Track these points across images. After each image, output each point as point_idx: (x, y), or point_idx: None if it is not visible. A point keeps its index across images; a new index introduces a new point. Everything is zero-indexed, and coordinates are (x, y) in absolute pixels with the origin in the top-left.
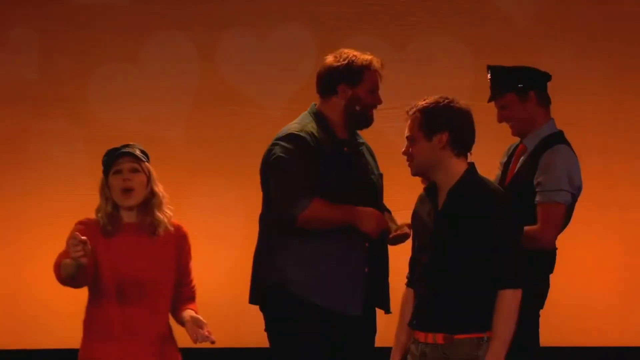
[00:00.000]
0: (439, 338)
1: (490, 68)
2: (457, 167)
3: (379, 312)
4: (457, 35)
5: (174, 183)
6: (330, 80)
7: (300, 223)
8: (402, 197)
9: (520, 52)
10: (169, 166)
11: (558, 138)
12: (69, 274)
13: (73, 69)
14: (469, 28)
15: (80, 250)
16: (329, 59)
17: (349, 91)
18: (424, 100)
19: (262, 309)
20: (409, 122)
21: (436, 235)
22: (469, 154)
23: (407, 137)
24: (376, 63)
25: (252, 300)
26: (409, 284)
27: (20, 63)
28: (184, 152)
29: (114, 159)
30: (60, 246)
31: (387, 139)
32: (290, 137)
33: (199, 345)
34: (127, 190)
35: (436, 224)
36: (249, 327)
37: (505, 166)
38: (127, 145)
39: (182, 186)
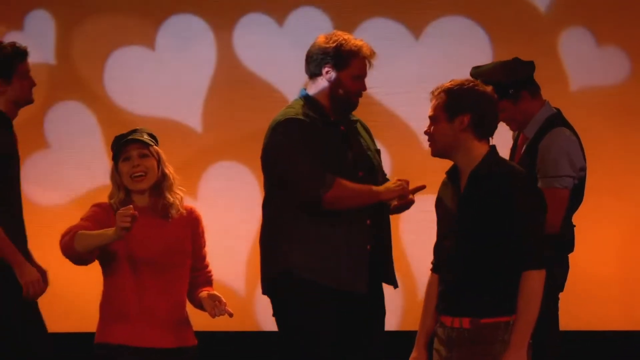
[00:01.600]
0: (465, 322)
1: (473, 76)
2: (479, 150)
3: (407, 297)
4: (475, 20)
5: (190, 168)
6: (317, 60)
7: (326, 203)
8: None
9: (539, 36)
10: (185, 151)
11: (555, 121)
12: (91, 246)
13: (90, 54)
14: (487, 12)
15: (129, 221)
16: (321, 38)
17: (333, 73)
18: (450, 82)
19: (270, 296)
20: (433, 102)
21: (459, 219)
22: (490, 138)
23: (429, 117)
24: (366, 50)
25: (265, 291)
26: (434, 269)
27: (37, 47)
28: (201, 137)
29: (122, 146)
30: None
31: (401, 122)
32: (289, 122)
33: (215, 328)
34: (138, 176)
35: (459, 208)
36: (265, 311)
37: (511, 155)
38: (134, 131)
39: (198, 171)
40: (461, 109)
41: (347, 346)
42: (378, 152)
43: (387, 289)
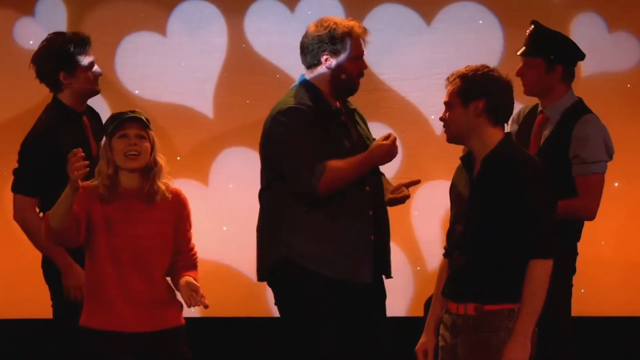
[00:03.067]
0: (470, 308)
1: (534, 24)
2: (493, 136)
3: (417, 283)
4: (487, 6)
5: (201, 154)
6: (314, 50)
7: (322, 191)
8: (424, 166)
9: (550, 22)
10: (196, 137)
11: (582, 108)
12: (60, 215)
13: (101, 40)
14: None
15: (80, 166)
16: (311, 28)
17: (332, 60)
18: (465, 67)
19: (271, 284)
20: (448, 88)
21: (470, 204)
22: (506, 124)
23: (444, 103)
24: (358, 29)
25: (260, 277)
26: (446, 254)
27: (48, 33)
28: (212, 122)
29: (120, 122)
30: None
31: (413, 108)
32: (290, 111)
33: (225, 314)
34: (132, 154)
35: (470, 193)
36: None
37: (523, 133)
38: (133, 111)
39: (209, 157)
40: (476, 95)
41: (351, 335)
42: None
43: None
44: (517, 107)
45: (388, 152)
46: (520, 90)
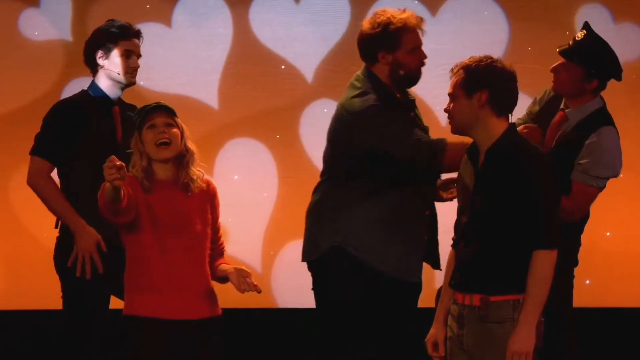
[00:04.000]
0: (476, 299)
1: (586, 28)
2: (497, 127)
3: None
4: None
5: (206, 144)
6: (370, 49)
7: (445, 167)
8: None
9: (556, 13)
10: (201, 128)
11: (604, 117)
12: (110, 198)
13: None
14: None
15: (114, 173)
16: (365, 25)
17: (389, 57)
18: (469, 58)
19: (315, 268)
20: (452, 79)
21: (475, 195)
22: (510, 115)
23: (449, 95)
24: (412, 20)
25: (306, 258)
26: (453, 245)
27: (53, 24)
28: (217, 113)
29: (147, 114)
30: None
31: (418, 99)
32: (375, 107)
33: (230, 305)
34: (163, 144)
35: (475, 184)
36: (281, 287)
37: (542, 120)
38: (158, 103)
39: (214, 148)
40: (479, 86)
41: (395, 331)
42: (427, 129)
43: None
44: (522, 97)
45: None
46: (524, 82)
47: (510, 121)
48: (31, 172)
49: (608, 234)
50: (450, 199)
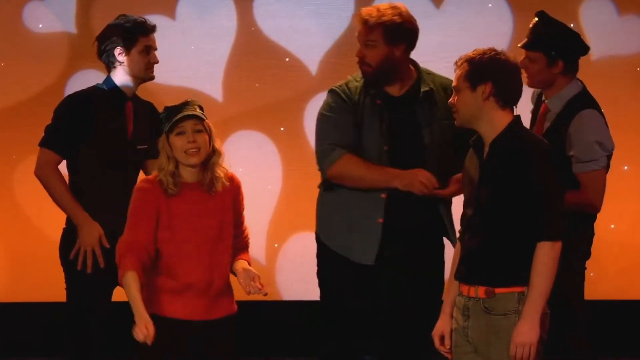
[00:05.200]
0: (481, 291)
1: (537, 15)
2: (501, 120)
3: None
4: None
5: None
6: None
7: (331, 177)
8: None
9: (560, 5)
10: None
11: (583, 101)
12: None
13: None
14: None
15: (141, 339)
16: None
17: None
18: (473, 51)
19: None
20: (456, 72)
21: (479, 188)
22: (514, 107)
23: (453, 87)
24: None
25: None
26: (460, 237)
27: (57, 16)
28: (221, 106)
29: (177, 121)
30: None
31: None
32: (329, 93)
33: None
34: (192, 151)
35: (480, 176)
36: (285, 280)
37: (532, 123)
38: (186, 104)
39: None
40: (483, 78)
41: (373, 314)
42: (451, 125)
43: None
44: (526, 90)
45: (414, 183)
46: None
47: (514, 113)
48: (39, 163)
49: (612, 226)
50: (445, 195)
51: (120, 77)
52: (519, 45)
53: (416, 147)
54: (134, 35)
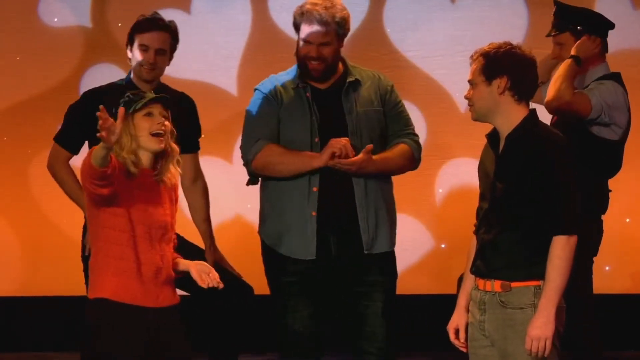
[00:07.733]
0: (497, 286)
1: (556, 3)
2: (517, 113)
3: (444, 260)
4: None
5: (225, 131)
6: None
7: (255, 169)
8: (448, 143)
9: None
10: (220, 114)
11: (609, 78)
12: (100, 158)
13: (125, 17)
14: None
15: (105, 134)
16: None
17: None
18: (489, 45)
19: None
20: (472, 66)
21: (495, 181)
22: (530, 100)
23: (469, 81)
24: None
25: None
26: (475, 231)
27: (73, 10)
28: (236, 100)
29: (148, 102)
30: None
31: (437, 85)
32: (254, 91)
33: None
34: (157, 134)
35: (496, 170)
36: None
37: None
38: (161, 94)
39: (234, 134)
40: (498, 72)
41: (325, 308)
42: (376, 111)
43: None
44: None
45: (331, 144)
46: None
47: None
48: (50, 156)
49: (628, 220)
50: (352, 163)
51: (133, 73)
52: (546, 36)
53: (343, 136)
54: (133, 31)
